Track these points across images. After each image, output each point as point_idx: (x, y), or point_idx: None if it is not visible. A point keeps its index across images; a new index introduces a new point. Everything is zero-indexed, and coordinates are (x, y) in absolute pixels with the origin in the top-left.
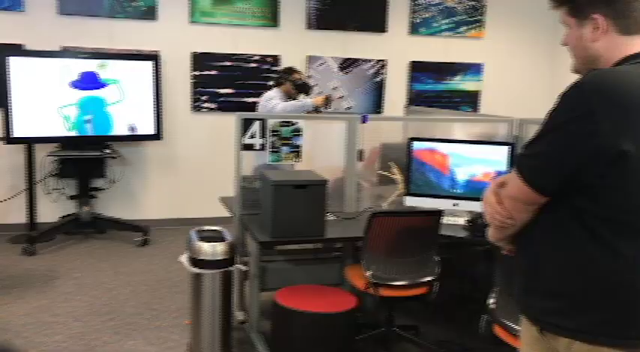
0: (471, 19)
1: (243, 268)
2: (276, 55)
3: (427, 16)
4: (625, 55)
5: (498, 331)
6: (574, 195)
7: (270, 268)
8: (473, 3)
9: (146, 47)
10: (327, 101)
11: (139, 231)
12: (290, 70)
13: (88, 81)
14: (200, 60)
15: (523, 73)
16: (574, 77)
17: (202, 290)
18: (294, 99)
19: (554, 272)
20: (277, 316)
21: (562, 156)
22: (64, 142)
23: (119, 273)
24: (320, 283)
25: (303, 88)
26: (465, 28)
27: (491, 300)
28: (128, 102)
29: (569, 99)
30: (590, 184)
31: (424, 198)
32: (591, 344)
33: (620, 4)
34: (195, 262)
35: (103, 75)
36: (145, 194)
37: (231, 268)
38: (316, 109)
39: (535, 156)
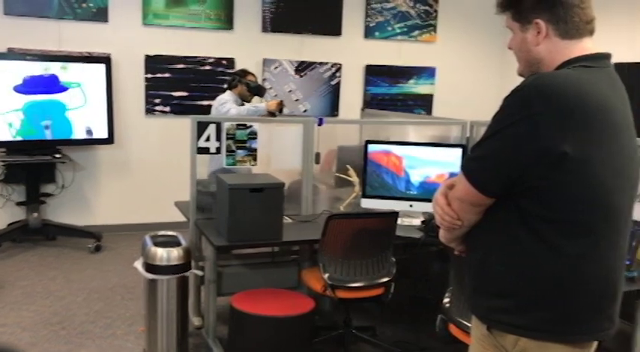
0: (423, 23)
1: (199, 273)
2: (231, 58)
3: (381, 20)
4: (566, 58)
5: (453, 330)
6: (518, 196)
7: (227, 272)
8: (425, 8)
9: (97, 49)
10: (281, 106)
11: (92, 237)
12: (244, 72)
13: (44, 84)
14: (153, 62)
15: (474, 76)
16: (522, 80)
17: (157, 296)
18: (248, 101)
19: (501, 272)
20: (234, 320)
21: (505, 159)
22: (10, 147)
23: (70, 281)
24: (277, 287)
25: (258, 91)
26: (417, 32)
27: (446, 300)
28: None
29: (511, 103)
30: (533, 186)
31: (380, 200)
32: (537, 340)
33: (561, 10)
34: (150, 268)
35: (54, 78)
36: (97, 199)
37: (186, 273)
38: (270, 114)
39: (480, 159)
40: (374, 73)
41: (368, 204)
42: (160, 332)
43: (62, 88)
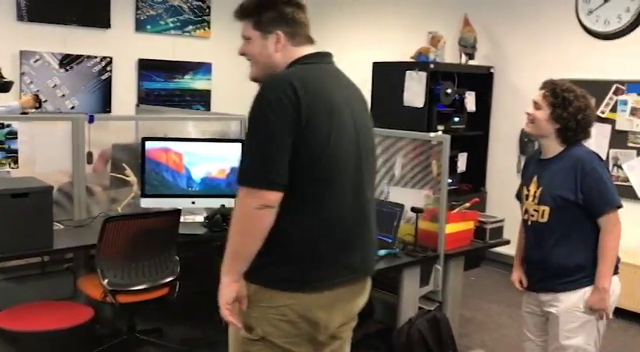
0: (197, 19)
1: None
2: None
3: (153, 13)
4: (294, 58)
5: None
6: None
7: None
8: (198, 3)
9: None
10: (38, 100)
11: None
12: None
13: None
14: None
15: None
16: None
17: None
18: None
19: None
20: (1, 342)
21: (277, 148)
22: None
23: None
24: (50, 299)
25: (4, 87)
26: (191, 27)
27: None
28: None
29: (257, 104)
30: None
31: (161, 199)
32: (268, 288)
33: (294, 24)
34: None
35: None
36: None
37: None
38: (24, 112)
39: (258, 162)
40: (148, 68)
41: (148, 203)
42: None
43: None
